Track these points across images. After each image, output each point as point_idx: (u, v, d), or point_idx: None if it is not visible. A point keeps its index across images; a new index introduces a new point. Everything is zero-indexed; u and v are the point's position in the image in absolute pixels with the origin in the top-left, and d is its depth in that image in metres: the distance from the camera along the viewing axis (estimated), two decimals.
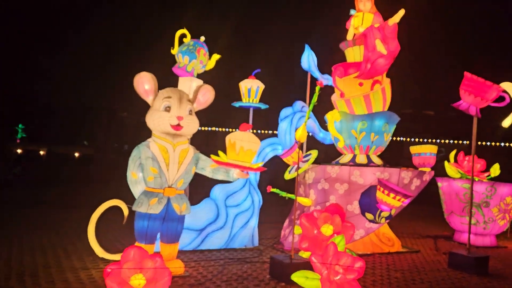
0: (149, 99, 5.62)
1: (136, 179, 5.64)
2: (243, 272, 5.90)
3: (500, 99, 6.79)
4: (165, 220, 5.56)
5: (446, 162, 10.21)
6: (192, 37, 9.32)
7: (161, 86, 5.86)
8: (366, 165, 7.83)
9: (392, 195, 6.72)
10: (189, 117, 5.58)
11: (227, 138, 5.70)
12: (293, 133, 7.67)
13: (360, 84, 8.07)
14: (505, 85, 6.93)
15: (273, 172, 9.07)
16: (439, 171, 10.43)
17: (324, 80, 8.93)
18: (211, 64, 9.37)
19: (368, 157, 8.14)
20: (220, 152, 5.85)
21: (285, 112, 7.78)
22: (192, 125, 5.62)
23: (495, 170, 10.08)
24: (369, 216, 7.29)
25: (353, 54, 8.31)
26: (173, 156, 5.53)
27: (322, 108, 8.33)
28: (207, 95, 5.98)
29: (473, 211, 9.13)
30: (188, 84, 8.11)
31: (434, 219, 12.44)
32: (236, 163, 5.57)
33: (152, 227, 5.47)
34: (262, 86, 8.83)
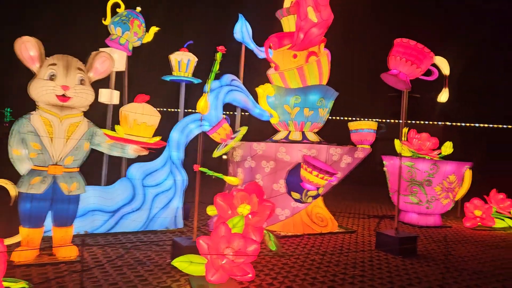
0: (35, 67, 5.03)
1: (20, 155, 5.08)
2: (146, 256, 5.46)
3: (428, 73, 6.39)
4: (53, 201, 5.05)
5: (396, 140, 9.87)
6: (128, 8, 8.70)
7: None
8: (299, 142, 7.40)
9: (315, 173, 6.30)
10: (79, 87, 5.02)
11: (120, 110, 5.19)
12: (220, 108, 7.16)
13: (294, 56, 7.57)
14: (437, 60, 6.54)
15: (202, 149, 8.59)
16: (391, 148, 10.10)
17: (261, 52, 8.42)
18: (148, 36, 8.76)
19: (303, 133, 7.70)
20: (116, 126, 5.34)
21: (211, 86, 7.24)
22: (83, 96, 5.06)
23: (447, 148, 9.77)
24: (295, 195, 6.89)
25: (289, 24, 7.78)
26: (59, 130, 4.99)
27: (261, 83, 7.84)
28: (106, 63, 5.40)
29: (415, 189, 8.87)
30: None
31: (387, 199, 12.18)
32: (129, 138, 5.07)
33: (36, 208, 4.96)
34: (194, 59, 8.28)
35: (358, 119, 10.64)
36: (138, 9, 8.71)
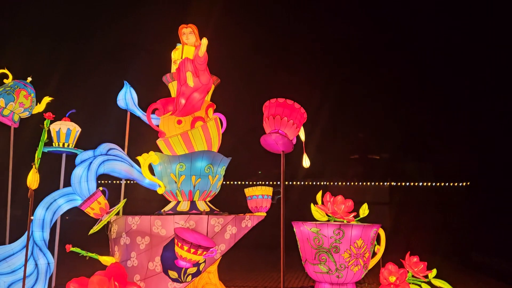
0: None
1: None
2: None
3: None
4: None
5: (312, 204, 9.47)
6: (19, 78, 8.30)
7: None
8: (186, 213, 6.81)
9: (186, 247, 5.66)
10: None
11: None
12: (92, 181, 6.56)
13: (179, 122, 7.24)
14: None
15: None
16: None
17: (153, 119, 8.06)
18: (40, 107, 8.28)
19: (192, 203, 7.15)
20: None
21: (82, 156, 6.67)
22: None
23: (364, 210, 9.44)
24: (173, 274, 6.14)
25: (174, 89, 7.53)
26: None
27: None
28: None
29: (324, 257, 8.30)
30: None
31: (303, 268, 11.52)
32: None
33: None
34: (74, 129, 7.74)
35: (255, 183, 10.25)
36: (29, 79, 8.32)
